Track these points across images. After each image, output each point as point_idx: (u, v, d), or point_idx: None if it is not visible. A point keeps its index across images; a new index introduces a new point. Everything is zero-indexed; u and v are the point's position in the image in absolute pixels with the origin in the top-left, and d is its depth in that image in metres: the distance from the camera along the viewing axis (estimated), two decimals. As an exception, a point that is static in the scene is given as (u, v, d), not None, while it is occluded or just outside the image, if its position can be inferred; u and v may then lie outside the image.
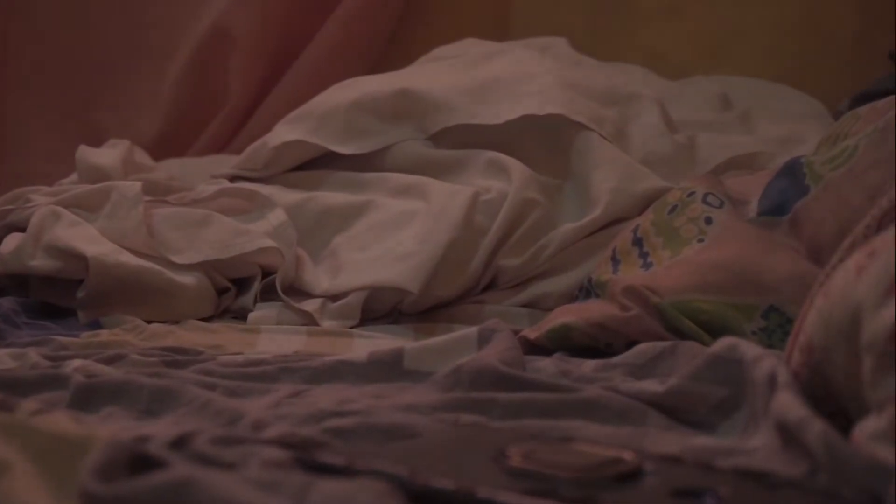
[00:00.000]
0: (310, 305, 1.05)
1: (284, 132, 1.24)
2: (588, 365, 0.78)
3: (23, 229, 1.11)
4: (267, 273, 1.10)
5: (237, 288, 1.11)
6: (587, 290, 0.97)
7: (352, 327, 1.03)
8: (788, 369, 0.63)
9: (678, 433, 0.65)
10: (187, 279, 1.06)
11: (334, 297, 1.06)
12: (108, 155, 1.28)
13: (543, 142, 1.19)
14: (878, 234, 0.62)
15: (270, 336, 0.99)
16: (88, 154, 1.27)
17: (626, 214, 1.10)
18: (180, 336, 0.97)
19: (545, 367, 0.78)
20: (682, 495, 0.51)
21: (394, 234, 1.10)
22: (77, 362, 0.79)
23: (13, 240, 1.10)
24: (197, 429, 0.60)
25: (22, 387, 0.74)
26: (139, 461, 0.53)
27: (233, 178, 1.26)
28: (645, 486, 0.53)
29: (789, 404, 0.59)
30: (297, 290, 1.09)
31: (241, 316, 1.08)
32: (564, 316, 0.90)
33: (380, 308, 1.06)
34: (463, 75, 1.26)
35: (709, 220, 0.93)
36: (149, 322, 1.01)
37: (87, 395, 0.72)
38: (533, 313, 1.04)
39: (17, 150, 1.79)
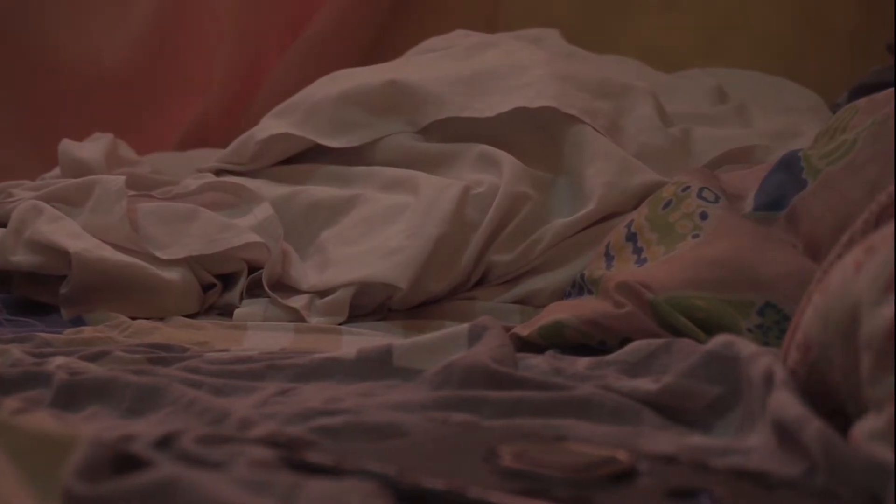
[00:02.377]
0: (297, 302, 1.04)
1: (271, 125, 1.24)
2: (581, 363, 0.77)
3: (4, 224, 1.10)
4: (253, 269, 1.09)
5: (223, 284, 1.10)
6: (580, 287, 0.96)
7: (340, 324, 1.02)
8: (785, 367, 0.63)
9: (673, 432, 0.65)
10: (172, 275, 1.05)
11: (322, 293, 1.05)
12: (91, 149, 1.27)
13: (535, 135, 1.18)
14: (877, 230, 0.62)
15: (257, 333, 0.98)
16: (71, 148, 1.26)
17: (620, 209, 1.09)
18: (165, 333, 0.96)
19: (537, 364, 0.77)
20: (677, 495, 0.51)
21: (383, 228, 1.09)
22: (60, 359, 0.78)
23: (-6, 235, 1.09)
24: (182, 428, 0.59)
25: (3, 385, 0.73)
26: (123, 461, 0.53)
27: (218, 172, 1.25)
28: (639, 486, 0.53)
29: (786, 403, 0.58)
30: (283, 286, 1.08)
31: (226, 312, 1.07)
32: (557, 313, 0.90)
33: (368, 304, 1.05)
34: (453, 67, 1.25)
35: (704, 216, 0.93)
36: (133, 318, 1.00)
37: (70, 394, 0.72)
38: (525, 310, 1.04)
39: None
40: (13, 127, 1.76)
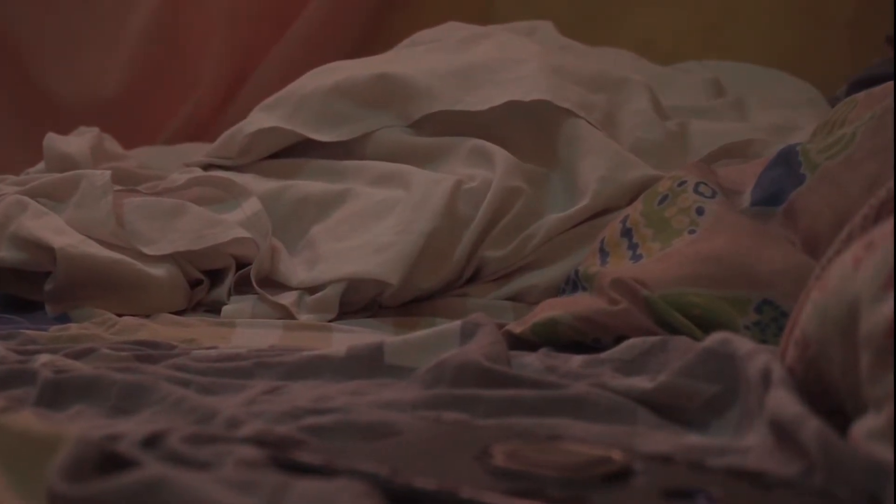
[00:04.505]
0: (286, 298, 1.03)
1: (260, 118, 1.23)
2: (575, 360, 0.77)
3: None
4: (241, 264, 1.08)
5: (210, 280, 1.09)
6: (574, 283, 0.96)
7: (330, 321, 1.01)
8: (783, 365, 0.62)
9: (669, 431, 0.65)
10: (159, 271, 1.04)
11: (311, 290, 1.04)
12: (76, 143, 1.26)
13: (529, 129, 1.17)
14: (876, 226, 0.61)
15: (245, 330, 0.97)
16: (56, 142, 1.25)
17: (615, 204, 1.09)
18: (152, 330, 0.95)
19: (531, 362, 0.77)
20: (673, 496, 0.51)
21: (373, 223, 1.08)
22: (45, 357, 0.77)
23: (-23, 231, 1.08)
24: (169, 427, 0.59)
25: (-13, 382, 0.72)
26: (109, 460, 0.53)
27: (206, 167, 1.24)
28: (634, 486, 0.52)
29: (784, 401, 0.58)
30: (272, 283, 1.07)
31: (214, 309, 1.06)
32: (551, 309, 0.89)
33: (358, 301, 1.05)
34: (445, 60, 1.25)
35: (700, 211, 0.92)
36: (119, 315, 0.99)
37: (55, 392, 0.71)
38: (518, 307, 1.03)
39: None
40: (11, 127, 1.76)
